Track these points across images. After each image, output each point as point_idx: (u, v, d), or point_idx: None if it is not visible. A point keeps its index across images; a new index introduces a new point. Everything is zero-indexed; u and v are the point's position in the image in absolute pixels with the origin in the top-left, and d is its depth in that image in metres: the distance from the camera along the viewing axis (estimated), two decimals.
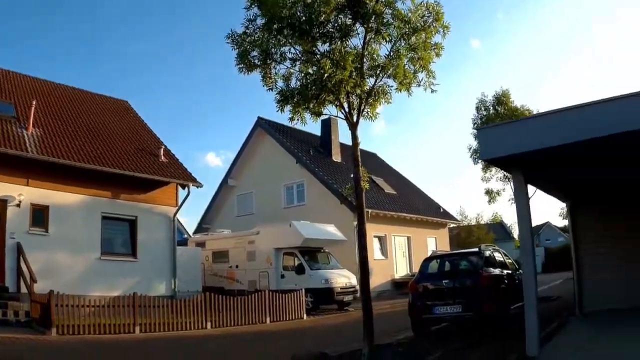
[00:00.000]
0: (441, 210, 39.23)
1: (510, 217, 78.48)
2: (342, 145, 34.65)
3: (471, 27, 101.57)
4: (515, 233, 69.44)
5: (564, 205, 35.53)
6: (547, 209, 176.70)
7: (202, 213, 36.19)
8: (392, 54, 9.72)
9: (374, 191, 32.52)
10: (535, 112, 30.56)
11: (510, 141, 8.45)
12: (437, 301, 11.88)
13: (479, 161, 30.78)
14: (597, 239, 12.86)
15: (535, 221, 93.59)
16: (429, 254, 32.73)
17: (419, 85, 9.93)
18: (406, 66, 9.71)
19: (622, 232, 12.40)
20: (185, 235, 34.98)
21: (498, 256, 13.97)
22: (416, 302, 12.30)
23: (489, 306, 11.31)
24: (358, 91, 9.56)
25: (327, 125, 34.03)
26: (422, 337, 12.29)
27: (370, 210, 27.95)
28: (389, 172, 39.97)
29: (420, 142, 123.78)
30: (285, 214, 28.60)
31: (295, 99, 9.52)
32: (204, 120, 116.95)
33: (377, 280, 29.05)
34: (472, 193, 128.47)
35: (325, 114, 10.34)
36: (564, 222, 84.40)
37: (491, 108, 30.65)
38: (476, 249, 13.28)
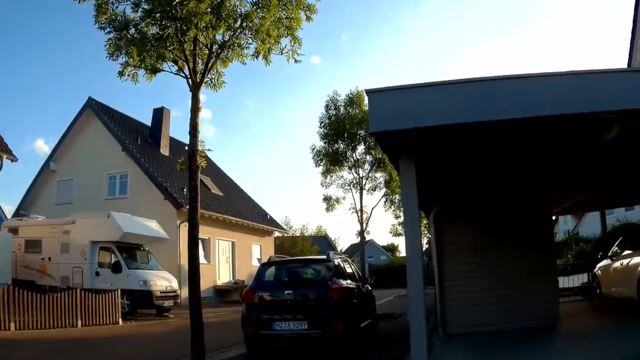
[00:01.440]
0: (268, 217, 38.69)
1: (335, 231, 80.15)
2: (173, 139, 33.07)
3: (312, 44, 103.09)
4: (339, 247, 71.09)
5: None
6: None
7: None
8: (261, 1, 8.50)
9: (200, 190, 30.55)
10: None
11: (408, 111, 6.96)
12: (277, 315, 10.25)
13: (320, 164, 30.27)
14: (464, 251, 11.94)
15: (355, 239, 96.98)
16: (254, 261, 32.60)
17: (282, 54, 9.02)
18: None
19: (491, 246, 11.69)
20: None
21: (347, 266, 12.73)
22: (251, 315, 10.60)
23: (340, 323, 9.98)
24: (210, 37, 8.34)
25: (158, 114, 32.27)
26: (257, 356, 11.00)
27: None
28: (216, 173, 38.39)
29: (249, 148, 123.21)
30: (106, 206, 25.43)
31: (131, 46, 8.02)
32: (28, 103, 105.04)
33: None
34: (304, 204, 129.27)
35: (164, 70, 8.91)
36: (388, 240, 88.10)
37: (342, 108, 29.83)
38: (324, 256, 11.85)
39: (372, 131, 7.11)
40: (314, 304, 10.25)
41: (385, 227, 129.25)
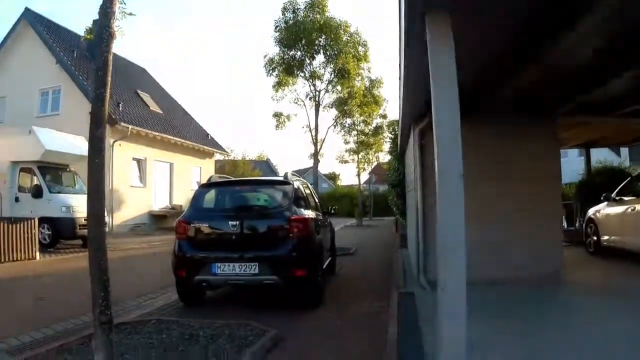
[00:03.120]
0: (209, 138, 36.51)
1: (277, 157, 78.34)
2: (113, 54, 29.35)
3: None
4: (281, 172, 69.26)
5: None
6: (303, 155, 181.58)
7: None
8: None
9: (138, 107, 29.11)
10: (354, 29, 28.56)
11: None
12: (219, 254, 7.96)
13: (272, 74, 27.93)
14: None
15: (299, 165, 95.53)
16: (193, 185, 30.34)
17: None
18: None
19: (486, 174, 9.25)
20: None
21: (307, 192, 10.36)
22: (184, 254, 8.18)
23: (301, 267, 7.90)
24: None
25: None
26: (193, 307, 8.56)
27: (131, 127, 24.93)
28: (157, 89, 35.89)
29: (193, 64, 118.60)
30: (38, 124, 22.43)
31: None
32: None
33: (132, 211, 26.04)
34: (248, 129, 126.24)
35: None
36: (329, 169, 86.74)
37: (302, 12, 27.05)
38: (282, 178, 9.35)
39: None
40: (268, 241, 8.01)
41: (329, 154, 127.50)
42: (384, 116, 34.19)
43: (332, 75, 28.61)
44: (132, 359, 5.31)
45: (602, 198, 12.12)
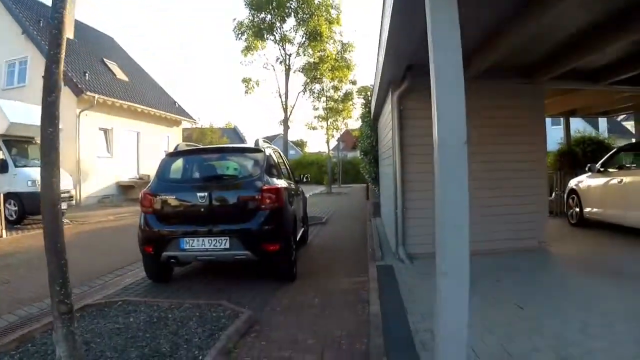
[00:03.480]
0: (177, 105, 35.64)
1: (245, 125, 77.33)
2: (80, 23, 29.22)
3: None
4: (250, 140, 68.59)
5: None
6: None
7: None
8: None
9: (104, 75, 28.14)
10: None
11: None
12: (188, 228, 7.46)
13: (242, 37, 27.22)
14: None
15: (267, 132, 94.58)
16: (161, 154, 29.43)
17: None
18: None
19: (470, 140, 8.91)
20: None
21: (279, 160, 9.88)
22: (151, 228, 7.64)
23: (275, 241, 7.44)
24: None
25: None
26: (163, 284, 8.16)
27: (97, 96, 24.03)
28: (124, 58, 34.79)
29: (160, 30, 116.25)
30: (4, 96, 21.47)
31: None
32: None
33: (100, 182, 25.32)
34: (216, 96, 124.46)
35: None
36: (297, 136, 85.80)
37: None
38: (253, 145, 8.76)
39: None
40: (239, 213, 7.47)
41: (298, 120, 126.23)
42: (354, 82, 33.68)
43: (304, 39, 28.04)
44: (97, 348, 4.85)
45: (586, 169, 11.85)
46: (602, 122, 36.10)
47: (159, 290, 7.68)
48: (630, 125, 34.24)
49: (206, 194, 7.46)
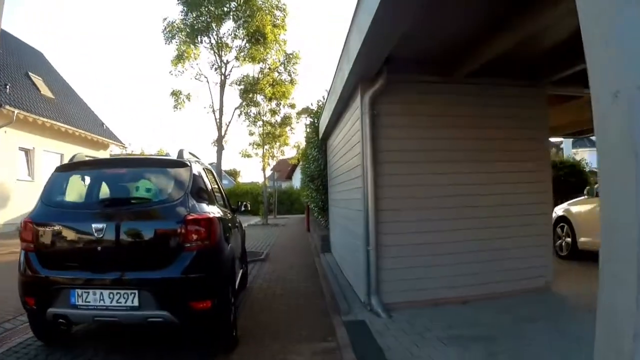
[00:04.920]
0: (105, 127, 33.34)
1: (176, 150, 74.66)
2: (8, 34, 27.74)
3: None
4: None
5: None
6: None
7: None
8: None
9: (28, 90, 25.73)
10: None
11: None
12: (79, 274, 5.08)
13: (172, 41, 25.26)
14: (418, 163, 7.26)
15: (206, 159, 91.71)
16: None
17: None
18: None
19: (460, 154, 7.36)
20: None
21: (211, 179, 7.18)
22: (34, 273, 5.24)
23: (206, 297, 5.14)
24: None
25: None
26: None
27: (17, 112, 21.64)
28: (51, 73, 32.31)
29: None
30: None
31: None
32: None
33: (20, 208, 21.91)
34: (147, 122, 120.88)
35: None
36: (230, 165, 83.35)
37: None
38: (176, 158, 6.17)
39: None
40: (153, 254, 5.12)
41: (231, 148, 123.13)
42: (292, 106, 31.26)
43: (244, 42, 25.92)
44: None
45: (585, 193, 10.34)
46: (567, 142, 34.59)
47: (54, 355, 5.48)
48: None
49: (105, 225, 5.09)
